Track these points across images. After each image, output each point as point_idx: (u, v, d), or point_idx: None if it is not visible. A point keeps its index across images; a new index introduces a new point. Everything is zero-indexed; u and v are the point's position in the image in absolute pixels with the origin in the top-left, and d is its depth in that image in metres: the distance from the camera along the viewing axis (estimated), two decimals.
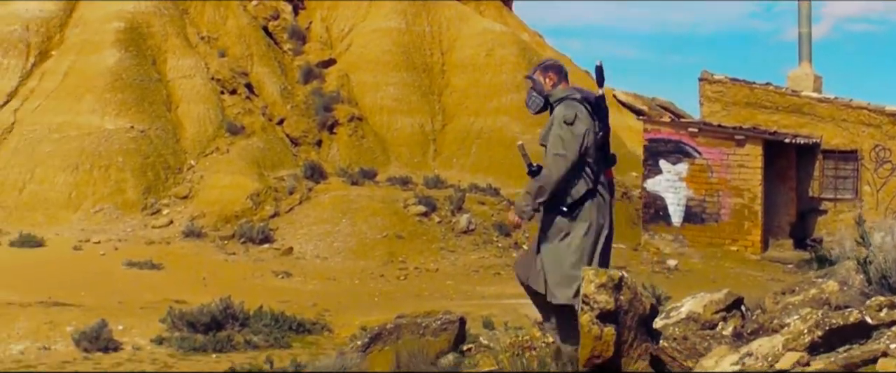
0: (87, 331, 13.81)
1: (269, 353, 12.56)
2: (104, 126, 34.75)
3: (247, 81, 39.57)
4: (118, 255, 26.49)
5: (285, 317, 16.36)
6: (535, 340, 9.77)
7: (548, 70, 8.39)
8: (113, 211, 31.63)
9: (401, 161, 40.12)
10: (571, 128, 7.98)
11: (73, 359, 13.20)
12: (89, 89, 36.36)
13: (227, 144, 35.82)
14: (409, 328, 10.87)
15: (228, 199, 31.82)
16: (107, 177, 32.83)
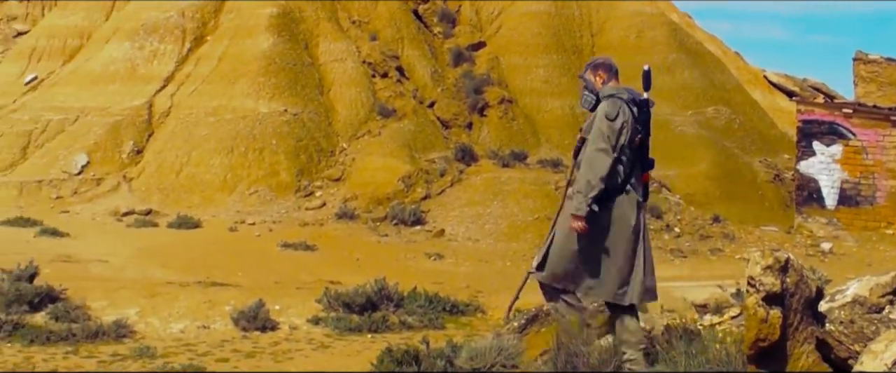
0: (245, 311, 14.01)
1: (424, 333, 12.56)
2: (258, 109, 35.27)
3: (398, 65, 39.76)
4: (273, 236, 26.87)
5: (439, 298, 16.40)
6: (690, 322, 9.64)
7: (598, 68, 8.52)
8: (267, 193, 32.09)
9: (551, 143, 39.91)
10: (612, 123, 8.10)
11: (232, 338, 13.40)
12: (243, 74, 36.94)
13: (379, 126, 36.06)
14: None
15: (380, 181, 32.00)
16: (261, 160, 33.33)
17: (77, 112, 37.38)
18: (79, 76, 40.08)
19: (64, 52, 44.14)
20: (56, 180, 33.23)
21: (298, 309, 14.85)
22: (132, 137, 35.35)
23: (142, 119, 36.19)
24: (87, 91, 38.67)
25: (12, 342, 12.77)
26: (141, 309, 14.17)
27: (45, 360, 11.80)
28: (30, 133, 36.93)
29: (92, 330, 13.01)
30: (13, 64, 44.96)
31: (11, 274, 14.72)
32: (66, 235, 26.27)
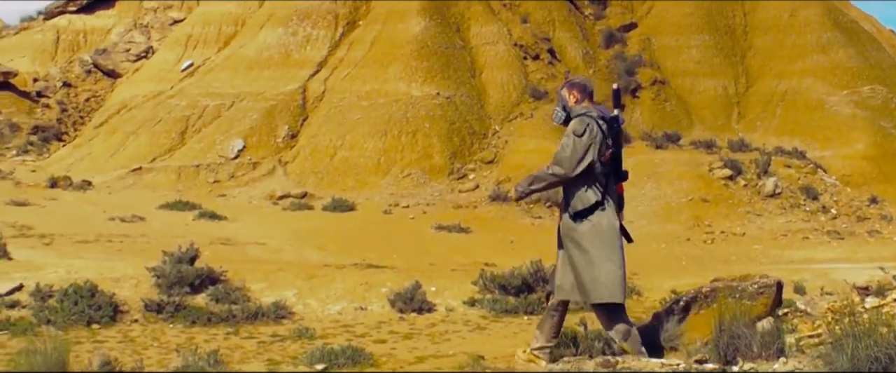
0: (401, 292, 14.01)
1: (581, 316, 12.40)
2: (411, 93, 35.45)
3: (549, 47, 39.62)
4: (427, 218, 26.97)
5: None
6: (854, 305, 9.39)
7: (573, 88, 9.01)
8: (420, 176, 32.24)
9: (704, 124, 39.40)
10: (579, 139, 8.66)
11: (389, 319, 13.41)
12: (396, 57, 37.17)
13: (531, 108, 35.97)
14: (725, 292, 10.55)
15: (533, 163, 31.77)
16: (414, 143, 33.49)
17: (233, 98, 38.02)
18: (234, 62, 40.77)
19: (219, 38, 44.96)
20: (213, 165, 33.85)
21: (454, 291, 14.81)
22: (287, 122, 35.83)
23: (296, 104, 36.66)
24: (243, 77, 39.31)
25: (174, 323, 12.98)
26: (299, 291, 14.27)
27: (207, 341, 11.95)
28: (187, 119, 37.69)
29: (252, 311, 13.15)
30: (170, 51, 45.98)
31: (173, 256, 14.96)
32: (224, 219, 26.74)
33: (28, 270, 15.22)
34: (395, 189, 31.64)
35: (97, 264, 15.92)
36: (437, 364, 10.70)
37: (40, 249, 19.62)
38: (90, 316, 12.94)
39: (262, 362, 10.96)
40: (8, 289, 14.26)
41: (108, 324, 12.90)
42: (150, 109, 40.15)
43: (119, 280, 14.43)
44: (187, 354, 10.44)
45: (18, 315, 13.21)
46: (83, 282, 13.71)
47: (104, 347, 11.68)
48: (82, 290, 13.40)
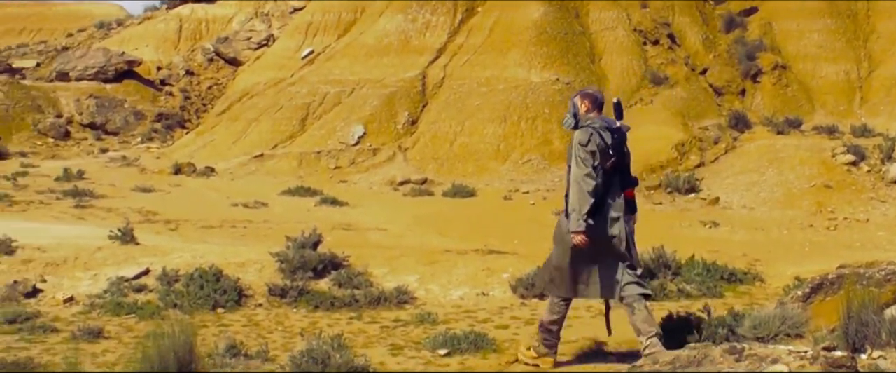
0: (522, 278, 13.99)
1: (704, 302, 12.28)
2: (530, 79, 35.36)
3: (669, 32, 39.21)
4: (547, 204, 26.85)
5: (717, 266, 16.04)
6: None
7: (585, 97, 9.99)
8: (540, 162, 32.14)
9: (826, 109, 38.67)
10: (583, 148, 9.63)
11: (510, 305, 13.41)
12: (515, 43, 37.09)
13: (651, 94, 35.64)
14: (852, 279, 10.37)
15: (653, 149, 31.57)
16: (534, 128, 33.40)
17: (353, 85, 38.28)
18: (354, 49, 41.02)
19: (339, 26, 45.27)
20: (334, 151, 34.12)
21: None
22: (407, 108, 35.97)
23: (416, 90, 36.78)
24: (362, 64, 39.55)
25: (298, 308, 13.13)
26: (421, 276, 14.35)
27: (330, 325, 12.07)
28: (308, 106, 38.04)
29: (374, 296, 13.24)
30: (290, 39, 46.43)
31: (296, 242, 15.12)
32: (345, 204, 26.95)
33: (154, 255, 15.52)
34: (514, 175, 31.58)
35: (222, 249, 16.17)
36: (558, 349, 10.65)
37: (166, 234, 19.98)
38: (215, 300, 13.15)
39: (384, 347, 11.03)
40: (135, 273, 14.57)
41: (233, 308, 13.10)
42: (271, 97, 40.58)
43: (243, 265, 14.64)
44: (311, 338, 10.54)
45: (145, 299, 13.48)
46: (208, 267, 13.94)
47: (229, 330, 11.86)
48: (207, 274, 13.62)
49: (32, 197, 26.68)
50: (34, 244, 16.45)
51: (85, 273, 15.04)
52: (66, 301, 13.91)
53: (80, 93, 47.74)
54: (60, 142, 43.62)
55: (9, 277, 15.06)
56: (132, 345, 11.25)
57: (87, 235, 18.32)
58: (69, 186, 28.23)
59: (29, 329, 12.16)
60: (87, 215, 23.12)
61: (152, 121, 46.80)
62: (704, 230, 24.16)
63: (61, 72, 50.46)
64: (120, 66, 50.03)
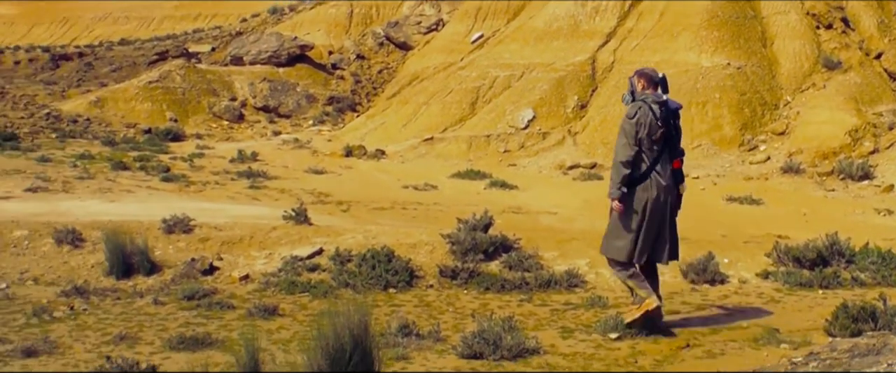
0: (693, 263, 13.86)
1: (879, 291, 12.02)
2: (700, 63, 34.92)
3: (842, 15, 38.25)
4: (717, 190, 26.55)
5: (892, 255, 15.66)
6: None
7: (641, 76, 10.84)
8: (710, 147, 31.74)
9: None
10: (630, 121, 10.55)
11: (681, 290, 13.29)
12: (685, 27, 36.67)
13: (824, 79, 34.83)
14: None
15: (826, 135, 30.93)
16: (704, 114, 32.99)
17: (522, 68, 38.34)
18: (523, 33, 41.08)
19: (508, 10, 45.44)
20: (503, 135, 34.23)
21: (747, 263, 14.55)
22: (576, 92, 35.88)
23: (585, 74, 36.67)
24: (532, 48, 39.58)
25: (469, 289, 13.24)
26: (591, 260, 14.31)
27: (501, 307, 12.14)
28: (478, 89, 38.23)
29: (544, 279, 13.27)
30: (460, 23, 46.71)
31: (467, 224, 15.25)
32: (515, 188, 27.03)
33: (327, 236, 15.82)
34: (687, 160, 31.23)
35: (393, 231, 16.38)
36: (730, 335, 10.59)
37: (338, 215, 20.32)
38: (387, 280, 13.35)
39: (555, 330, 11.06)
40: (309, 253, 14.88)
41: (405, 289, 13.28)
42: (441, 81, 40.91)
43: (415, 246, 14.82)
44: (483, 319, 10.65)
45: (319, 278, 13.76)
46: (380, 247, 14.16)
47: (401, 310, 12.04)
48: (380, 255, 13.84)
49: (208, 178, 27.41)
50: (211, 224, 16.93)
51: (260, 252, 15.43)
52: (242, 279, 14.30)
53: (253, 76, 48.83)
54: (234, 124, 44.71)
55: (187, 254, 15.56)
56: (307, 323, 11.51)
57: (261, 215, 18.78)
58: (243, 168, 28.93)
59: (206, 305, 12.53)
60: (260, 196, 23.65)
61: (324, 104, 47.61)
62: (878, 218, 23.54)
63: (236, 56, 51.69)
64: (293, 50, 51.03)
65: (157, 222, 16.77)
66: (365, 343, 8.31)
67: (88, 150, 33.66)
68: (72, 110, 44.96)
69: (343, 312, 8.43)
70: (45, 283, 15.06)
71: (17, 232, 17.04)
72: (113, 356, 9.30)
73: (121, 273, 14.99)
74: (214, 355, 9.89)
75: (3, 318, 12.41)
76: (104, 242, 15.53)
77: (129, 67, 58.82)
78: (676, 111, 10.93)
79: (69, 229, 16.61)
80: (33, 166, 28.29)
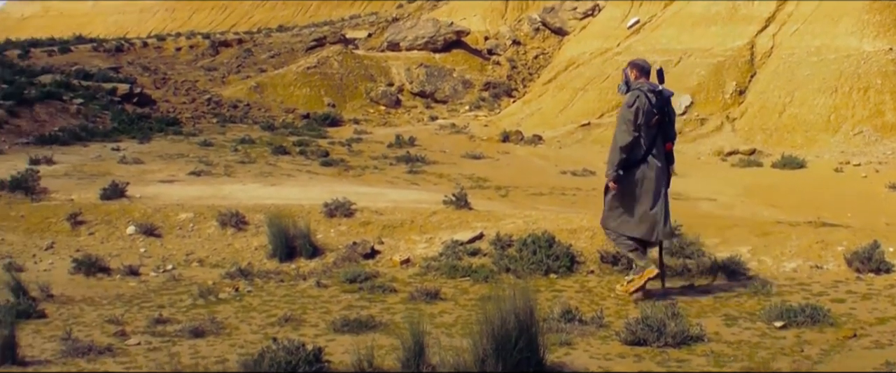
0: (858, 251, 13.53)
1: None
2: (862, 48, 34.08)
3: None
4: (880, 177, 25.93)
5: None
6: None
7: (634, 67, 11.92)
8: (872, 134, 30.99)
9: None
10: (629, 109, 11.55)
11: (846, 279, 12.99)
12: (846, 12, 35.83)
13: None
14: None
15: None
16: (865, 99, 32.21)
17: (679, 54, 37.95)
18: (680, 19, 40.65)
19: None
20: None
21: None
22: (734, 78, 35.40)
23: (744, 60, 36.13)
24: (689, 33, 39.15)
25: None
26: (752, 247, 14.09)
27: (662, 293, 12.04)
28: None
29: (706, 266, 13.11)
30: (616, 8, 46.41)
31: None
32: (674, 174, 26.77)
33: (487, 221, 15.87)
34: (845, 147, 30.57)
35: (553, 216, 16.35)
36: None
37: (497, 200, 20.36)
38: (548, 266, 13.33)
39: (718, 317, 10.93)
40: (469, 237, 14.94)
41: (565, 274, 13.23)
42: (597, 66, 40.73)
43: (575, 232, 14.78)
44: (646, 305, 10.57)
45: (480, 262, 13.80)
46: (541, 233, 14.14)
47: (563, 296, 12.01)
48: (540, 240, 13.82)
49: (367, 162, 27.72)
50: (372, 208, 17.11)
51: (420, 236, 15.55)
52: (403, 263, 14.42)
53: (410, 62, 49.20)
54: (391, 109, 45.13)
55: (348, 238, 15.77)
56: (469, 307, 11.55)
57: (420, 199, 18.90)
58: (402, 153, 29.18)
59: (368, 289, 12.66)
60: (419, 181, 23.83)
61: (480, 89, 47.76)
62: None
63: (392, 42, 52.13)
64: (449, 36, 51.27)
65: (319, 206, 17.02)
66: (530, 328, 8.31)
67: (249, 134, 34.31)
68: (232, 96, 45.87)
69: (508, 296, 8.44)
70: (209, 265, 15.41)
71: (182, 215, 17.48)
72: (279, 338, 9.44)
73: (284, 256, 15.26)
74: (379, 337, 9.98)
75: (170, 299, 12.73)
76: (267, 226, 15.82)
77: (288, 53, 59.68)
78: (669, 98, 11.87)
79: (233, 212, 16.97)
80: (196, 150, 28.97)
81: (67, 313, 11.94)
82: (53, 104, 35.95)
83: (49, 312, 11.88)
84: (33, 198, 19.20)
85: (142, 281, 14.19)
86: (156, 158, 26.76)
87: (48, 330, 10.94)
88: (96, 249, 16.21)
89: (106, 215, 17.76)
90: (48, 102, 35.88)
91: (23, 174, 20.09)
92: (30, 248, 16.51)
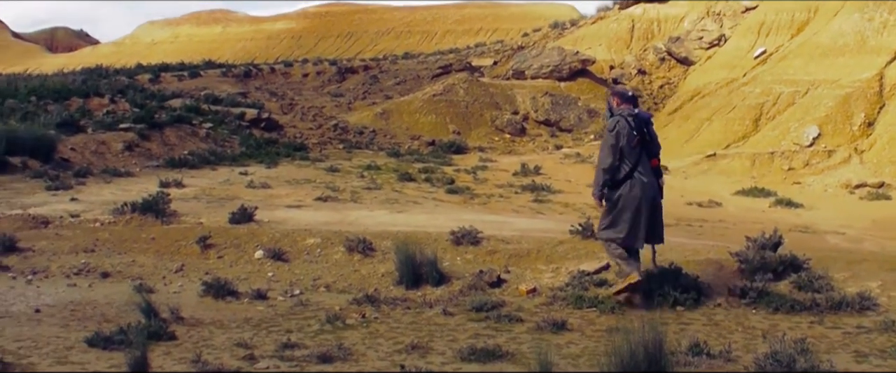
0: None
1: None
2: None
3: None
4: None
5: None
6: None
7: (615, 95, 13.53)
8: None
9: None
10: (611, 133, 13.03)
11: None
12: None
13: None
14: None
15: None
16: None
17: (807, 85, 37.49)
18: (808, 49, 40.17)
19: (791, 25, 44.55)
20: (787, 152, 33.49)
21: None
22: (863, 110, 34.80)
23: (872, 91, 35.52)
24: (817, 64, 38.67)
25: (757, 309, 12.97)
26: (882, 283, 13.80)
27: (791, 328, 11.85)
28: (761, 106, 37.62)
29: (835, 301, 12.87)
30: (742, 38, 46.05)
31: (756, 242, 14.97)
32: (800, 206, 26.43)
33: None
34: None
35: (679, 247, 16.25)
36: None
37: None
38: (675, 298, 13.21)
39: (848, 354, 10.73)
40: (595, 268, 14.90)
41: (692, 307, 13.10)
42: (723, 96, 40.39)
43: (701, 264, 14.67)
44: (774, 340, 10.44)
45: (606, 293, 13.73)
46: (668, 264, 14.04)
47: (690, 329, 11.91)
48: (667, 271, 13.72)
49: (492, 190, 27.77)
50: (498, 236, 17.16)
51: (546, 266, 15.55)
52: (529, 292, 14.42)
53: (535, 90, 49.21)
54: (516, 138, 45.13)
55: (475, 266, 15.83)
56: (596, 338, 11.51)
57: (546, 228, 18.92)
58: (527, 181, 29.20)
59: (495, 318, 12.67)
60: (544, 210, 23.81)
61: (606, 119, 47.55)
62: None
63: (517, 70, 52.20)
64: (574, 65, 51.20)
65: (445, 234, 17.12)
66: (659, 361, 8.29)
67: (374, 161, 34.59)
68: (358, 122, 46.29)
69: (637, 329, 8.41)
70: (336, 290, 15.56)
71: (309, 240, 17.70)
72: (406, 365, 9.51)
73: (410, 283, 15.35)
74: (506, 367, 10.00)
75: (298, 323, 12.87)
76: (394, 252, 15.95)
77: (413, 80, 60.08)
78: (648, 120, 13.42)
79: (360, 238, 17.14)
80: (322, 176, 29.28)
81: (197, 335, 12.14)
82: (183, 128, 36.67)
83: (179, 334, 12.08)
84: (164, 221, 19.61)
85: (270, 305, 14.35)
86: (283, 183, 27.12)
87: (178, 352, 11.14)
88: (225, 272, 16.47)
89: (235, 239, 18.06)
90: (178, 125, 36.61)
91: (154, 197, 20.52)
92: (160, 270, 16.85)
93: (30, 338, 11.85)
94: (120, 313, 13.44)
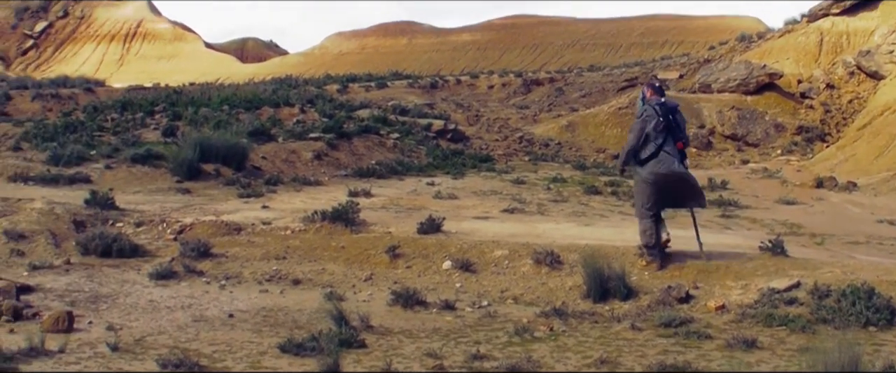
0: None
1: None
2: None
3: None
4: None
5: None
6: None
7: (649, 87, 15.93)
8: None
9: None
10: (639, 119, 15.51)
11: None
12: None
13: None
14: None
15: None
16: None
17: None
18: None
19: None
20: None
21: None
22: None
23: None
24: None
25: None
26: None
27: None
28: None
29: None
30: None
31: None
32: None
33: (804, 269, 15.61)
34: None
35: (873, 266, 15.96)
36: None
37: (812, 248, 19.93)
38: (867, 318, 12.99)
39: None
40: (786, 286, 14.73)
41: (885, 327, 12.85)
42: None
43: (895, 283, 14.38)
44: None
45: (796, 312, 13.56)
46: (860, 283, 13.81)
47: (883, 350, 11.71)
48: (860, 291, 13.49)
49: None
50: (685, 251, 17.08)
51: (736, 282, 15.42)
52: (718, 309, 14.33)
53: (721, 104, 48.71)
54: (702, 152, 44.74)
55: (663, 281, 15.79)
56: (786, 357, 11.41)
57: (735, 244, 18.73)
58: (714, 196, 28.86)
59: (683, 334, 12.64)
60: (732, 225, 23.55)
61: (792, 133, 46.83)
62: None
63: (704, 83, 51.74)
64: (761, 78, 50.52)
65: (632, 248, 17.11)
66: None
67: (560, 173, 34.63)
68: (543, 134, 46.45)
69: (831, 348, 8.35)
70: (524, 302, 15.70)
71: (497, 251, 17.89)
72: None
73: (598, 297, 15.39)
74: None
75: (486, 335, 13.06)
76: (582, 266, 16.02)
77: (599, 93, 60.05)
78: (675, 108, 15.76)
79: (548, 251, 17.24)
80: (509, 188, 29.47)
81: (386, 344, 12.42)
82: (371, 138, 37.33)
83: (369, 342, 12.37)
84: (353, 229, 20.01)
85: (458, 316, 14.55)
86: (470, 194, 27.38)
87: (368, 360, 11.42)
88: (413, 282, 16.76)
89: (423, 249, 18.35)
90: (366, 135, 37.29)
91: (343, 206, 20.93)
92: (349, 278, 17.25)
93: (224, 342, 12.31)
94: (311, 320, 13.83)
